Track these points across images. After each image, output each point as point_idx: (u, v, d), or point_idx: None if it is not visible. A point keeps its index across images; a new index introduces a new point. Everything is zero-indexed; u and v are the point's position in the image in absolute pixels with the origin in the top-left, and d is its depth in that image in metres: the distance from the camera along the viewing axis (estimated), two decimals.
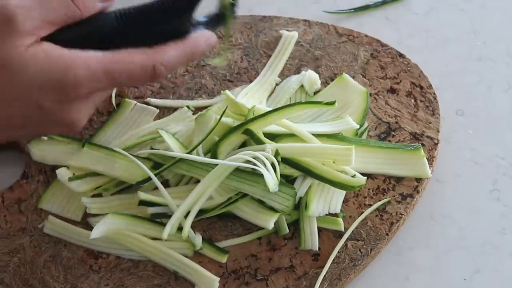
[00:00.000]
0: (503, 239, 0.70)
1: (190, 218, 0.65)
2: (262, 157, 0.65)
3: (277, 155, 0.66)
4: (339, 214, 0.68)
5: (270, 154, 0.66)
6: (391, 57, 0.80)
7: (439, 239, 0.70)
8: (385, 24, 0.86)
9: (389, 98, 0.77)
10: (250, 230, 0.69)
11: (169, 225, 0.65)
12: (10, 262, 0.68)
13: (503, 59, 0.82)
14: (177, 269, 0.66)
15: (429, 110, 0.75)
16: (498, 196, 0.72)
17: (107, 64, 0.58)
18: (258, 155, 0.65)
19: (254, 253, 0.68)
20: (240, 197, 0.66)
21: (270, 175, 0.64)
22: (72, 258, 0.69)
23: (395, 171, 0.71)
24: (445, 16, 0.87)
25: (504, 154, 0.75)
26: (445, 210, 0.72)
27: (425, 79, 0.78)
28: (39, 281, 0.67)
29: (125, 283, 0.67)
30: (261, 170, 0.64)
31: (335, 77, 0.77)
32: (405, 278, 0.68)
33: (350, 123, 0.70)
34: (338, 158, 0.67)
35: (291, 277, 0.66)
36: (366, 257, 0.67)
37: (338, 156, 0.67)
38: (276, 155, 0.66)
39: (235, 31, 0.82)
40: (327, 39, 0.81)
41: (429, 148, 0.73)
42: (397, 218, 0.69)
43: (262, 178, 0.64)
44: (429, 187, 0.72)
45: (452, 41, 0.84)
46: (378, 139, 0.74)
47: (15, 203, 0.72)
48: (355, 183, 0.67)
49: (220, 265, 0.67)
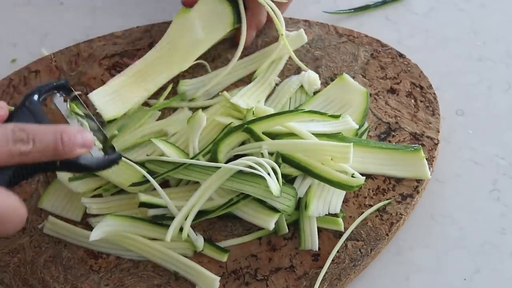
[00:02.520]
0: (503, 239, 0.70)
1: (189, 220, 0.66)
2: (264, 162, 0.65)
3: (277, 159, 0.66)
4: (339, 214, 0.68)
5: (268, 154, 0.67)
6: (391, 57, 0.80)
7: (439, 239, 0.70)
8: (385, 24, 0.86)
9: (389, 98, 0.77)
10: (250, 230, 0.69)
11: (172, 228, 0.65)
12: (10, 262, 0.68)
13: (503, 59, 0.82)
14: (178, 269, 0.66)
15: (429, 110, 0.75)
16: (498, 196, 0.72)
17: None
18: (259, 161, 0.65)
19: (254, 253, 0.68)
20: (241, 198, 0.67)
21: (273, 181, 0.64)
22: (72, 258, 0.69)
23: (395, 172, 0.71)
24: (445, 16, 0.87)
25: (504, 154, 0.75)
26: (445, 210, 0.72)
27: (425, 79, 0.78)
28: (39, 281, 0.67)
29: (125, 283, 0.67)
30: (264, 176, 0.64)
31: (335, 77, 0.77)
32: (405, 278, 0.68)
33: (350, 123, 0.70)
34: (336, 155, 0.67)
35: (291, 277, 0.66)
36: (366, 257, 0.67)
37: (336, 154, 0.67)
38: (277, 159, 0.66)
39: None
40: (327, 39, 0.81)
41: (429, 148, 0.73)
42: (397, 218, 0.69)
43: (263, 178, 0.64)
44: (429, 187, 0.72)
45: (452, 41, 0.84)
46: (378, 139, 0.74)
47: None
48: (354, 182, 0.67)
49: (220, 265, 0.67)
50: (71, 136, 0.59)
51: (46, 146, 0.57)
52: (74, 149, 0.59)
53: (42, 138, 0.57)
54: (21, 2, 0.90)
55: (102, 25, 0.86)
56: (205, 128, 0.72)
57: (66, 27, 0.87)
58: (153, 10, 0.87)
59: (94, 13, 0.88)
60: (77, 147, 0.59)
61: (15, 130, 0.57)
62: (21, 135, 0.57)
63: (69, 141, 0.58)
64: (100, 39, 0.82)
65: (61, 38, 0.85)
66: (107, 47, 0.81)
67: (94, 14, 0.88)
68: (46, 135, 0.58)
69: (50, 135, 0.58)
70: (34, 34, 0.87)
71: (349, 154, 0.66)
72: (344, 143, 0.67)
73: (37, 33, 0.87)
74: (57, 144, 0.58)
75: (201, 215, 0.67)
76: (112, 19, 0.87)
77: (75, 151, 0.59)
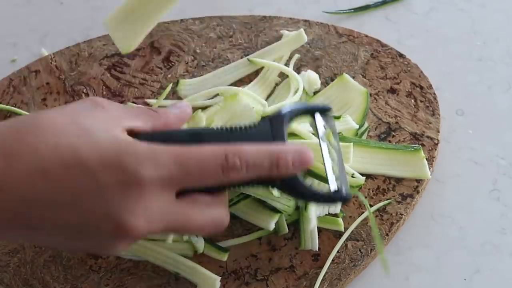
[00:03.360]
0: (503, 239, 0.70)
1: None
2: None
3: None
4: (339, 214, 0.68)
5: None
6: (391, 57, 0.80)
7: (439, 239, 0.70)
8: (385, 24, 0.86)
9: (389, 98, 0.77)
10: (250, 230, 0.69)
11: None
12: (10, 262, 0.68)
13: (503, 59, 0.82)
14: (178, 270, 0.66)
15: (429, 110, 0.75)
16: (498, 196, 0.72)
17: (174, 149, 0.52)
18: None
19: (254, 253, 0.68)
20: (241, 198, 0.66)
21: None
22: (72, 258, 0.69)
23: (395, 172, 0.71)
24: (445, 16, 0.87)
25: (504, 154, 0.75)
26: (445, 210, 0.72)
27: (425, 79, 0.78)
28: (39, 281, 0.67)
29: (125, 283, 0.67)
30: None
31: (335, 77, 0.77)
32: (405, 278, 0.68)
33: (350, 123, 0.70)
34: None
35: (291, 277, 0.66)
36: (366, 257, 0.67)
37: None
38: None
39: (235, 31, 0.83)
40: (327, 39, 0.81)
41: (429, 148, 0.73)
42: (397, 219, 0.69)
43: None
44: (429, 187, 0.72)
45: (452, 41, 0.84)
46: (378, 139, 0.74)
47: None
48: (354, 183, 0.67)
49: (220, 265, 0.67)
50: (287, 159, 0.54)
51: (260, 172, 0.54)
52: (288, 169, 0.55)
53: (255, 163, 0.53)
54: (21, 2, 0.90)
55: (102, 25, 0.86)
56: None
57: (66, 27, 0.87)
58: None
59: (94, 13, 0.88)
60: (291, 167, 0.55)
61: (229, 155, 0.53)
62: (235, 162, 0.53)
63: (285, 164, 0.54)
64: (100, 39, 0.82)
65: (61, 38, 0.85)
66: (107, 47, 0.81)
67: (94, 14, 0.88)
68: (261, 160, 0.54)
69: (266, 161, 0.54)
70: (34, 34, 0.87)
71: (349, 154, 0.66)
72: (344, 143, 0.67)
73: (37, 33, 0.87)
74: (271, 170, 0.54)
75: None
76: None
77: (289, 171, 0.55)
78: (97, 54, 0.81)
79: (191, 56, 0.81)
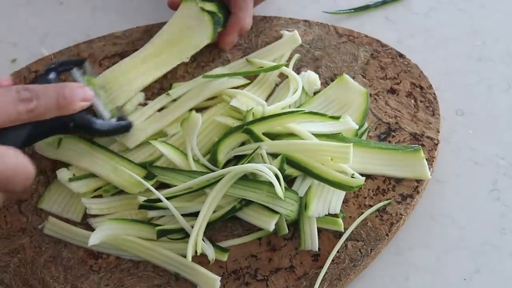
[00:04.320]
0: (503, 239, 0.70)
1: (201, 234, 0.66)
2: (266, 168, 0.65)
3: (282, 164, 0.66)
4: (339, 215, 0.68)
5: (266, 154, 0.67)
6: (391, 57, 0.80)
7: (439, 239, 0.70)
8: (385, 24, 0.86)
9: (389, 98, 0.77)
10: (250, 230, 0.69)
11: (190, 246, 0.64)
12: (10, 262, 0.68)
13: (503, 59, 0.82)
14: (178, 270, 0.66)
15: (429, 111, 0.75)
16: (498, 196, 0.73)
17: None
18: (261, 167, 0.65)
19: (254, 253, 0.68)
20: (243, 205, 0.66)
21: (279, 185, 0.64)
22: (72, 258, 0.69)
23: (395, 172, 0.71)
24: (445, 16, 0.87)
25: (504, 154, 0.75)
26: (445, 210, 0.72)
27: (425, 79, 0.78)
28: (39, 281, 0.67)
29: (125, 283, 0.67)
30: (273, 180, 0.64)
31: (335, 78, 0.77)
32: (405, 278, 0.68)
33: (350, 123, 0.70)
34: (336, 155, 0.67)
35: (291, 277, 0.67)
36: (366, 258, 0.67)
37: (336, 154, 0.67)
38: (282, 165, 0.66)
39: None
40: (327, 39, 0.81)
41: (429, 148, 0.73)
42: (397, 219, 0.69)
43: (265, 184, 0.65)
44: (429, 187, 0.72)
45: (452, 41, 0.84)
46: (378, 140, 0.74)
47: (15, 203, 0.72)
48: (354, 183, 0.67)
49: (220, 266, 0.67)
50: (72, 90, 0.64)
51: (49, 101, 0.63)
52: (76, 102, 0.64)
53: (44, 94, 0.63)
54: (21, 2, 0.90)
55: (102, 25, 0.86)
56: (205, 129, 0.73)
57: (66, 27, 0.87)
58: (153, 10, 0.87)
59: (94, 13, 0.88)
60: (78, 100, 0.65)
61: (19, 89, 0.62)
62: (25, 94, 0.62)
63: (70, 95, 0.64)
64: (100, 39, 0.82)
65: (61, 38, 0.85)
66: (107, 47, 0.81)
67: (94, 14, 0.88)
68: (48, 91, 0.63)
69: (52, 91, 0.63)
70: (34, 34, 0.87)
71: (349, 155, 0.66)
72: (344, 144, 0.67)
73: (37, 33, 0.87)
74: (59, 99, 0.63)
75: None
76: (112, 19, 0.87)
77: (76, 104, 0.64)
78: (97, 54, 0.81)
79: (191, 57, 0.81)
